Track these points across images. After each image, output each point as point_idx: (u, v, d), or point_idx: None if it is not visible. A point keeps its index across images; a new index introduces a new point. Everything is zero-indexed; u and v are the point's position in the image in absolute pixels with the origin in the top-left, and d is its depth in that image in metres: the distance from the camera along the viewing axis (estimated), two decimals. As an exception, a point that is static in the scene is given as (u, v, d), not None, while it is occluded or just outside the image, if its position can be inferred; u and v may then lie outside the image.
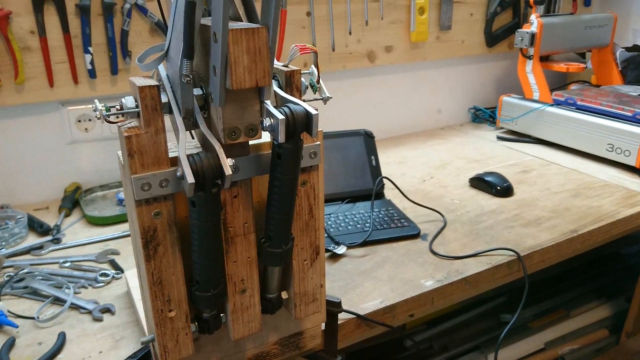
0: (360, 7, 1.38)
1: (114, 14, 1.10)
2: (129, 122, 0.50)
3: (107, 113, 0.47)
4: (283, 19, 1.27)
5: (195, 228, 0.49)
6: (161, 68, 0.53)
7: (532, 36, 1.46)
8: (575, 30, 1.53)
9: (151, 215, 0.50)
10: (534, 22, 1.46)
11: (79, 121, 1.16)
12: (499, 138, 1.56)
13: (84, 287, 0.86)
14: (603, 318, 1.55)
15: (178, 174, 0.46)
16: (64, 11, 1.05)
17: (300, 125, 0.47)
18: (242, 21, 0.50)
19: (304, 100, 0.52)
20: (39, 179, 1.17)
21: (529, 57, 1.50)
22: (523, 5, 1.65)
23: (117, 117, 0.49)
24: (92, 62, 1.10)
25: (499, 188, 1.19)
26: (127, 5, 1.10)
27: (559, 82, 1.79)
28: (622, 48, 1.62)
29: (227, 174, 0.46)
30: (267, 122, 0.47)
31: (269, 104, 0.48)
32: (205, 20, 0.51)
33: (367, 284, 0.87)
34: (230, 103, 0.47)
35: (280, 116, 0.45)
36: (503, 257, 0.94)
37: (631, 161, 1.27)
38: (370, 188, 1.14)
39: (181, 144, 0.47)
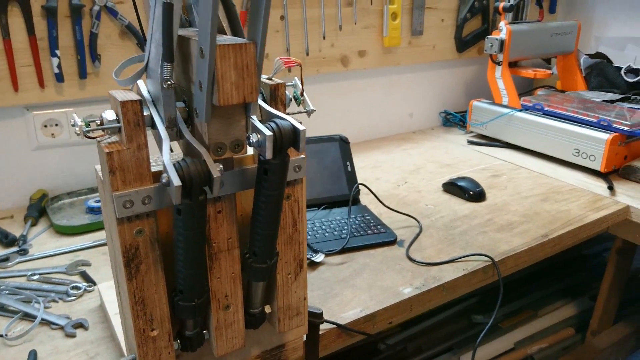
0: (334, 12, 1.38)
1: (83, 16, 1.06)
2: (109, 137, 0.48)
3: (88, 129, 0.45)
4: (257, 23, 1.25)
5: (181, 237, 0.48)
6: (141, 84, 0.51)
7: (502, 43, 1.49)
8: (541, 37, 1.57)
9: (133, 233, 0.48)
10: (503, 29, 1.49)
11: (45, 126, 1.12)
12: (470, 142, 1.59)
13: (54, 301, 0.83)
14: (569, 317, 1.60)
15: (163, 180, 0.44)
16: (29, 13, 1.01)
17: (288, 140, 0.46)
18: (226, 34, 0.49)
19: (287, 114, 0.51)
20: (2, 187, 1.12)
21: (498, 63, 1.53)
22: (492, 12, 1.68)
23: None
24: (59, 66, 1.06)
25: (471, 193, 1.21)
26: (96, 8, 1.07)
27: (525, 87, 1.83)
28: (586, 55, 1.67)
29: (215, 176, 0.44)
30: (253, 138, 0.46)
31: (255, 119, 0.47)
32: (184, 32, 0.50)
33: (347, 292, 0.87)
34: (216, 118, 0.46)
35: (268, 132, 0.44)
36: (478, 263, 0.95)
37: (596, 166, 1.31)
38: (346, 194, 1.14)
39: (165, 152, 0.45)
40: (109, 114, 0.46)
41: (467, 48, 1.68)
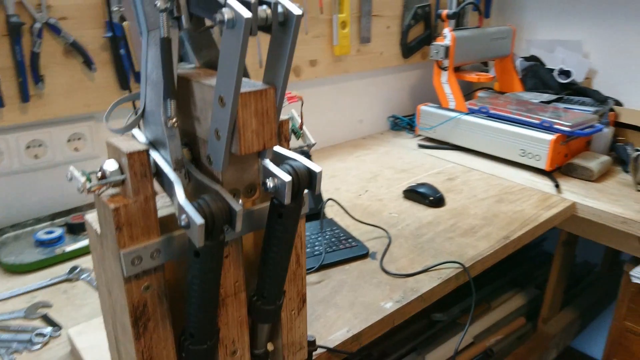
0: (285, 22, 1.36)
1: (22, 34, 0.98)
2: (106, 188, 0.44)
3: (91, 185, 0.41)
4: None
5: (196, 279, 0.45)
6: (133, 130, 0.48)
7: (447, 49, 1.54)
8: (482, 42, 1.63)
9: (141, 290, 0.45)
10: (447, 35, 1.53)
11: (-17, 155, 1.03)
12: (420, 146, 1.63)
13: (17, 352, 0.76)
14: (519, 307, 1.69)
15: (182, 223, 0.41)
16: (-40, 33, 0.92)
17: (304, 184, 0.45)
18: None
19: (289, 149, 0.50)
20: None
21: (444, 69, 1.58)
22: (433, 18, 1.73)
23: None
24: (-2, 90, 0.97)
25: (431, 199, 1.24)
26: (38, 25, 0.98)
27: (465, 90, 1.90)
28: (521, 57, 1.76)
29: (237, 209, 0.42)
30: (270, 183, 0.44)
31: (269, 163, 0.45)
32: (179, 70, 0.47)
33: (330, 312, 0.86)
34: (231, 165, 0.43)
35: (287, 178, 0.43)
36: (450, 270, 0.98)
37: (541, 165, 1.39)
38: (311, 208, 1.13)
39: (179, 193, 0.42)
40: (111, 165, 0.42)
41: (412, 54, 1.72)
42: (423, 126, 1.66)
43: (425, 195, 1.25)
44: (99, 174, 0.42)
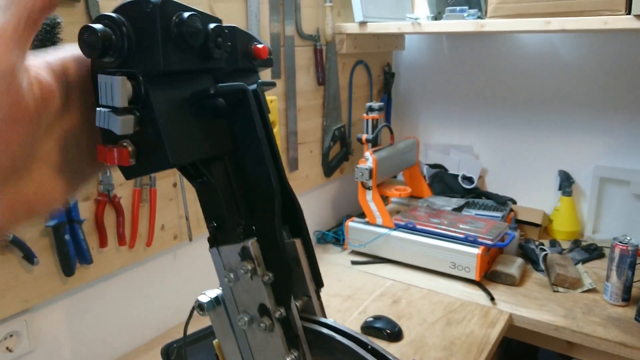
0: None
1: (-48, 244, 0.83)
2: None
3: None
4: (153, 197, 1.15)
5: None
6: None
7: (370, 171, 1.63)
8: (396, 158, 1.76)
9: None
10: (369, 158, 1.63)
11: None
12: (353, 263, 1.67)
13: None
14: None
15: None
16: None
17: None
18: None
19: None
20: None
21: (369, 188, 1.66)
22: (347, 136, 1.83)
23: None
24: None
25: (389, 332, 1.28)
26: (-28, 231, 0.85)
27: (379, 194, 2.02)
28: (427, 165, 1.93)
29: None
30: None
31: None
32: None
33: None
34: None
35: None
36: (440, 422, 1.01)
37: (471, 275, 1.51)
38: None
39: None
40: None
41: (333, 172, 1.79)
42: (352, 242, 1.71)
43: (382, 330, 1.28)
44: None
